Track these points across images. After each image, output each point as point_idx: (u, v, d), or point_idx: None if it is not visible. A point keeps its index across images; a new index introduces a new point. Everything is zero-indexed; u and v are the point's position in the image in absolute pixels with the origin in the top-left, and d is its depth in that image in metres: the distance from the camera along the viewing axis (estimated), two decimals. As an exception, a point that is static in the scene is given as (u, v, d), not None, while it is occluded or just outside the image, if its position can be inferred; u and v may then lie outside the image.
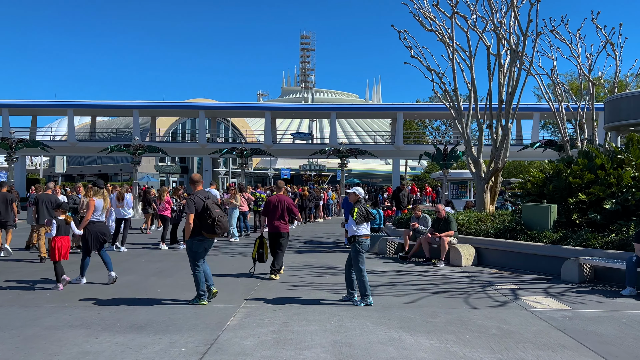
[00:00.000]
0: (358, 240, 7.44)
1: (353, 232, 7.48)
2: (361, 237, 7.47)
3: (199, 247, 7.34)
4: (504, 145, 13.35)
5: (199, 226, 7.11)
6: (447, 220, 11.59)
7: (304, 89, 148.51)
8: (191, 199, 7.17)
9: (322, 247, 14.45)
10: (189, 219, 7.10)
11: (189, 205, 7.11)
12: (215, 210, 7.06)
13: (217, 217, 7.02)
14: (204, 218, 7.03)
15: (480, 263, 11.41)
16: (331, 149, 29.84)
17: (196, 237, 7.22)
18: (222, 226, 7.09)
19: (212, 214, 6.98)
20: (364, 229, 7.52)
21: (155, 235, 16.83)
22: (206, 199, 7.15)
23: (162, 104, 39.72)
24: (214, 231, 7.05)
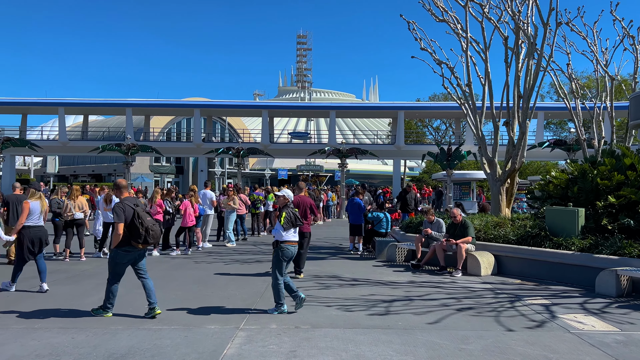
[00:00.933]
0: (281, 247, 7.09)
1: (279, 237, 7.09)
2: (286, 243, 7.10)
3: (123, 258, 6.85)
4: (522, 144, 12.40)
5: (128, 236, 6.65)
6: (464, 225, 10.62)
7: (300, 88, 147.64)
8: (120, 207, 6.67)
9: (325, 253, 13.47)
10: (117, 229, 6.62)
11: (118, 214, 6.61)
12: (147, 219, 6.68)
13: (149, 225, 6.63)
14: (134, 227, 6.58)
15: (500, 272, 10.45)
16: (331, 148, 28.87)
17: (123, 248, 6.74)
18: (155, 235, 6.72)
19: (144, 223, 6.59)
20: (291, 235, 7.16)
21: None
22: (135, 206, 6.71)
23: (156, 102, 38.60)
24: (146, 241, 6.66)
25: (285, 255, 7.09)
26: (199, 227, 14.25)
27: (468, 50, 12.95)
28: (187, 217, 13.34)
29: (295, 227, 7.21)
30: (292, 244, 7.18)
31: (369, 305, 7.55)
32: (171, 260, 12.18)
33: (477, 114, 13.31)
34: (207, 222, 14.99)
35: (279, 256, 7.10)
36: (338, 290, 8.65)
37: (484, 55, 12.74)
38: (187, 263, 11.78)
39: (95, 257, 12.63)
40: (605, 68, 16.17)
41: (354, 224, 13.58)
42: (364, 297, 8.07)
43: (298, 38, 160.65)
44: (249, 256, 12.86)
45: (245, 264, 11.65)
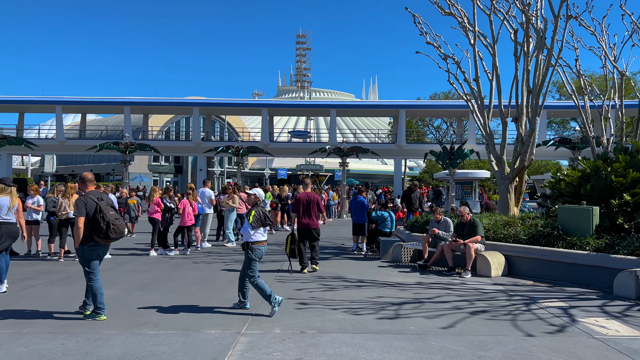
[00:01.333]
0: (251, 247, 6.91)
1: (247, 238, 6.91)
2: (255, 243, 6.94)
3: (92, 254, 6.58)
4: (531, 141, 12.01)
5: (90, 231, 6.41)
6: (473, 224, 10.23)
7: (300, 88, 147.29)
8: (81, 201, 6.43)
9: (328, 253, 13.06)
10: (78, 223, 6.37)
11: (79, 208, 6.38)
12: (110, 213, 6.45)
13: (111, 219, 6.40)
14: (96, 222, 6.35)
15: (510, 273, 10.07)
16: (332, 147, 28.47)
17: (88, 244, 6.49)
18: (117, 230, 6.48)
19: (106, 217, 6.36)
20: (260, 235, 7.00)
21: (142, 238, 15.39)
22: (99, 200, 6.47)
23: (154, 101, 38.14)
24: (108, 236, 6.41)
25: (256, 255, 6.96)
26: (198, 227, 13.86)
27: (476, 44, 12.55)
28: (185, 216, 12.95)
29: (264, 227, 7.03)
30: (261, 244, 7.01)
31: (377, 308, 7.16)
32: (169, 261, 11.79)
33: (485, 110, 12.90)
34: (206, 222, 14.60)
35: (250, 258, 6.94)
36: (344, 292, 8.26)
37: (492, 49, 12.35)
38: (186, 263, 11.39)
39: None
40: (614, 63, 15.78)
41: (357, 224, 13.19)
42: (371, 300, 7.68)
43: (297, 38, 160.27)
44: (249, 256, 12.45)
45: (246, 264, 11.24)
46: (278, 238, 16.77)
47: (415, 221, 12.89)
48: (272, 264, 11.12)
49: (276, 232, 18.96)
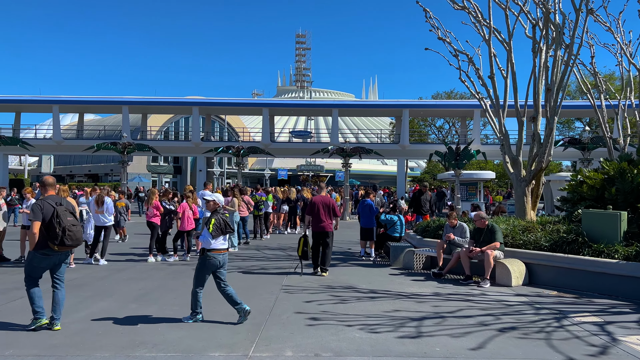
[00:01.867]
0: (208, 255, 6.55)
1: (206, 245, 6.56)
2: (213, 251, 6.55)
3: (40, 261, 6.24)
4: (549, 142, 11.41)
5: (45, 237, 6.11)
6: (491, 229, 9.62)
7: (299, 88, 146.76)
8: (37, 205, 6.18)
9: (334, 258, 12.43)
10: (33, 228, 6.08)
11: (35, 212, 6.10)
12: (67, 219, 6.16)
13: (67, 225, 6.11)
14: (52, 227, 6.06)
15: (531, 282, 9.46)
16: (334, 147, 27.84)
17: (40, 250, 6.16)
18: (74, 237, 6.18)
19: (62, 223, 6.08)
20: (220, 243, 6.62)
21: (140, 243, 14.78)
22: (57, 205, 6.21)
23: (153, 100, 37.49)
24: (63, 243, 6.11)
25: (211, 264, 6.59)
26: (198, 231, 13.23)
27: (491, 39, 11.94)
28: (185, 220, 12.34)
29: (225, 234, 6.66)
30: (220, 252, 6.62)
31: (396, 324, 6.55)
32: (168, 267, 11.17)
33: (500, 108, 12.28)
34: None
35: (203, 264, 6.60)
36: (357, 305, 7.64)
37: (507, 45, 11.74)
38: (186, 270, 10.77)
39: (86, 264, 11.62)
40: (631, 60, 15.19)
41: (365, 228, 12.58)
42: (388, 314, 7.07)
43: (297, 37, 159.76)
44: (252, 263, 11.86)
45: (249, 272, 10.64)
46: (282, 242, 16.17)
47: (427, 226, 12.28)
48: (277, 272, 10.49)
49: (279, 235, 18.36)
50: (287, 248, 14.70)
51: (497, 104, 12.21)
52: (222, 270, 6.74)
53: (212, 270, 6.65)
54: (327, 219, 10.27)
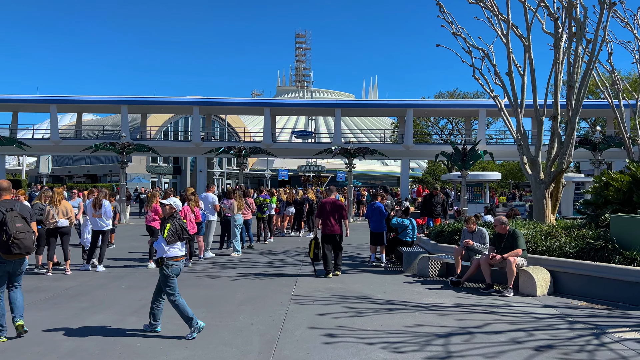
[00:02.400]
0: (166, 263, 6.23)
1: (162, 253, 6.24)
2: (172, 259, 6.25)
3: None
4: (571, 142, 10.84)
5: None
6: (513, 235, 9.04)
7: (299, 88, 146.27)
8: None
9: (343, 264, 11.84)
10: None
11: None
12: (15, 225, 5.85)
13: (14, 232, 5.79)
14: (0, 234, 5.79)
15: (556, 291, 8.88)
16: (338, 148, 27.25)
17: None
18: (22, 245, 5.85)
19: (9, 230, 5.78)
20: (177, 250, 6.33)
21: (140, 247, 14.20)
22: (8, 210, 5.90)
23: (153, 100, 36.85)
24: (9, 251, 5.79)
25: (173, 272, 6.30)
26: (200, 235, 12.66)
27: (509, 34, 11.37)
28: (187, 224, 11.74)
29: (182, 241, 6.39)
30: (179, 259, 6.33)
31: (422, 342, 5.97)
32: (169, 275, 10.57)
33: (518, 107, 11.71)
34: (209, 229, 13.41)
35: (165, 274, 6.24)
36: (375, 319, 7.06)
37: (526, 40, 11.17)
38: (188, 278, 10.19)
39: (82, 270, 11.04)
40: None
41: (375, 232, 12.00)
42: (410, 330, 6.49)
43: (297, 37, 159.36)
44: (258, 269, 11.28)
45: (256, 279, 10.07)
46: (286, 245, 15.59)
47: (441, 230, 11.70)
48: (284, 279, 9.92)
49: (283, 238, 17.79)
50: (293, 252, 14.13)
51: (515, 102, 11.64)
52: None
53: (176, 275, 6.36)
54: (336, 222, 10.43)
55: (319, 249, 10.38)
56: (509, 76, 11.47)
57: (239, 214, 13.97)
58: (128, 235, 18.51)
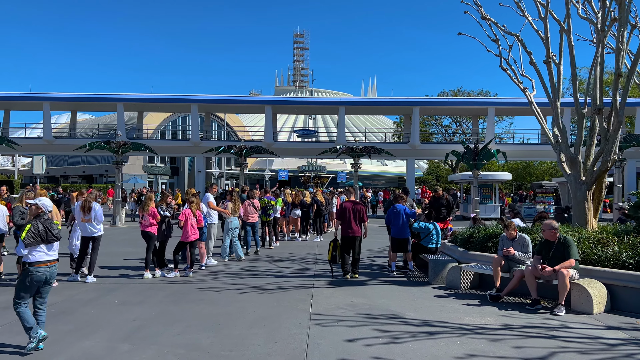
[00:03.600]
0: (29, 270, 5.66)
1: (25, 259, 5.71)
2: (35, 264, 5.68)
3: None
4: (617, 138, 9.71)
5: None
6: (564, 243, 7.88)
7: (297, 88, 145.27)
8: None
9: (363, 275, 10.68)
10: None
11: None
12: None
13: None
14: None
15: (614, 308, 7.74)
16: (344, 147, 26.09)
17: None
18: None
19: None
20: (42, 254, 5.75)
21: (135, 253, 13.00)
22: None
23: (150, 97, 35.54)
24: None
25: (35, 279, 5.67)
26: (202, 241, 11.48)
27: (547, 17, 10.22)
28: (188, 229, 10.57)
29: (47, 243, 5.77)
30: (44, 264, 5.73)
31: (484, 381, 4.80)
32: (168, 287, 9.39)
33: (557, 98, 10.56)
34: (210, 234, 12.23)
35: (24, 281, 5.66)
36: (415, 346, 5.89)
37: (567, 24, 10.03)
38: (189, 291, 9.01)
39: (71, 282, 9.86)
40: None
41: (398, 238, 10.85)
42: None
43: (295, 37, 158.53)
44: (266, 279, 10.11)
45: (266, 292, 8.89)
46: (293, 251, 14.41)
47: (470, 235, 10.53)
48: (298, 292, 8.73)
49: (289, 242, 16.61)
50: (302, 259, 12.96)
51: (553, 93, 10.50)
52: (47, 287, 5.85)
53: (37, 286, 5.74)
54: (357, 224, 10.25)
55: (337, 252, 10.21)
56: (547, 64, 10.32)
57: (234, 216, 12.82)
58: (123, 240, 17.32)
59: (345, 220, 10.26)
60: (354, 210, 10.28)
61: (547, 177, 54.49)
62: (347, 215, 10.24)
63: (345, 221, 10.26)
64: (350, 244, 10.24)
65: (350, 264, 10.33)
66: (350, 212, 10.27)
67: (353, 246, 10.25)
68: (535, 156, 35.86)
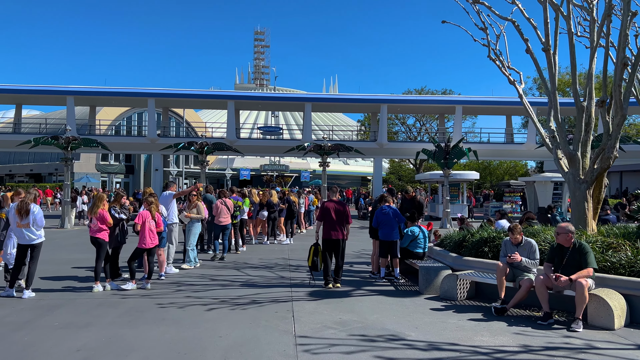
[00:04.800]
0: None
1: None
2: None
3: None
4: (619, 133, 8.97)
5: None
6: (581, 250, 7.00)
7: (258, 86, 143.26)
8: None
9: (345, 284, 9.57)
10: None
11: None
12: None
13: None
14: None
15: (633, 321, 6.92)
16: (311, 144, 24.98)
17: None
18: None
19: None
20: None
21: (83, 260, 11.48)
22: None
23: (103, 90, 33.25)
24: None
25: None
26: (162, 248, 10.11)
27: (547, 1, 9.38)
28: (146, 234, 9.18)
29: None
30: None
31: None
32: (122, 302, 8.01)
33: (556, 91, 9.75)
34: (171, 238, 10.86)
35: None
36: (433, 381, 4.82)
37: (567, 6, 9.23)
38: (148, 307, 7.69)
39: (4, 297, 8.32)
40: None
41: (387, 241, 9.83)
42: (497, 403, 4.29)
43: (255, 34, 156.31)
44: (236, 291, 8.88)
45: (238, 307, 7.68)
46: (263, 256, 13.16)
47: (462, 239, 9.59)
48: (276, 307, 7.54)
49: (256, 246, 15.36)
50: (274, 266, 11.77)
51: (552, 84, 9.68)
52: None
53: None
54: (340, 226, 9.24)
55: (318, 257, 9.14)
56: (547, 52, 9.50)
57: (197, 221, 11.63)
58: (72, 245, 15.64)
59: (327, 222, 9.25)
60: (337, 211, 9.26)
61: (507, 176, 55.00)
62: (330, 216, 9.22)
63: (327, 222, 9.26)
64: (334, 247, 9.25)
65: (333, 271, 9.31)
66: (333, 213, 9.23)
67: (336, 250, 9.26)
68: (500, 155, 35.74)
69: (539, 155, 34.98)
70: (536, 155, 35.07)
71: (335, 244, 9.26)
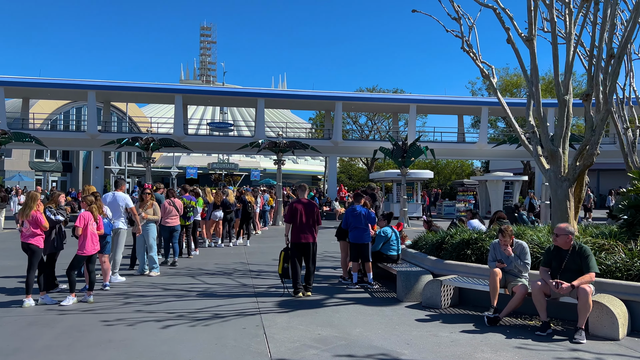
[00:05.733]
0: None
1: None
2: None
3: None
4: (603, 129, 8.58)
5: None
6: (581, 253, 6.43)
7: (204, 82, 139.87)
8: None
9: (315, 291, 8.70)
10: None
11: None
12: None
13: None
14: None
15: (634, 329, 6.44)
16: (266, 142, 23.94)
17: None
18: None
19: None
20: None
21: (15, 268, 10.03)
22: None
23: (37, 81, 30.72)
24: None
25: None
26: (106, 254, 8.87)
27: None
28: (88, 239, 7.94)
29: None
30: None
31: None
32: (59, 320, 6.80)
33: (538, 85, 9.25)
34: (118, 243, 9.63)
35: None
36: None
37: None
38: (92, 325, 6.53)
39: None
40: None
41: (357, 244, 9.04)
42: None
43: (202, 30, 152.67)
44: (194, 302, 7.83)
45: (198, 323, 6.65)
46: (219, 261, 12.08)
47: (442, 241, 8.92)
48: (243, 322, 6.56)
49: (211, 249, 14.23)
50: (232, 272, 10.75)
51: (534, 76, 9.17)
52: None
53: None
54: (311, 228, 8.50)
55: (289, 263, 8.41)
56: (530, 42, 8.99)
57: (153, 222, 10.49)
58: (1, 250, 13.97)
59: (296, 224, 8.44)
60: (307, 211, 8.46)
61: (454, 176, 55.81)
62: (300, 218, 8.40)
63: (296, 224, 8.45)
64: (304, 252, 8.49)
65: (303, 277, 8.47)
66: (302, 214, 8.41)
67: (307, 255, 8.48)
68: (453, 154, 35.94)
69: (490, 155, 35.45)
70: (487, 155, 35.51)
71: (306, 248, 8.45)
